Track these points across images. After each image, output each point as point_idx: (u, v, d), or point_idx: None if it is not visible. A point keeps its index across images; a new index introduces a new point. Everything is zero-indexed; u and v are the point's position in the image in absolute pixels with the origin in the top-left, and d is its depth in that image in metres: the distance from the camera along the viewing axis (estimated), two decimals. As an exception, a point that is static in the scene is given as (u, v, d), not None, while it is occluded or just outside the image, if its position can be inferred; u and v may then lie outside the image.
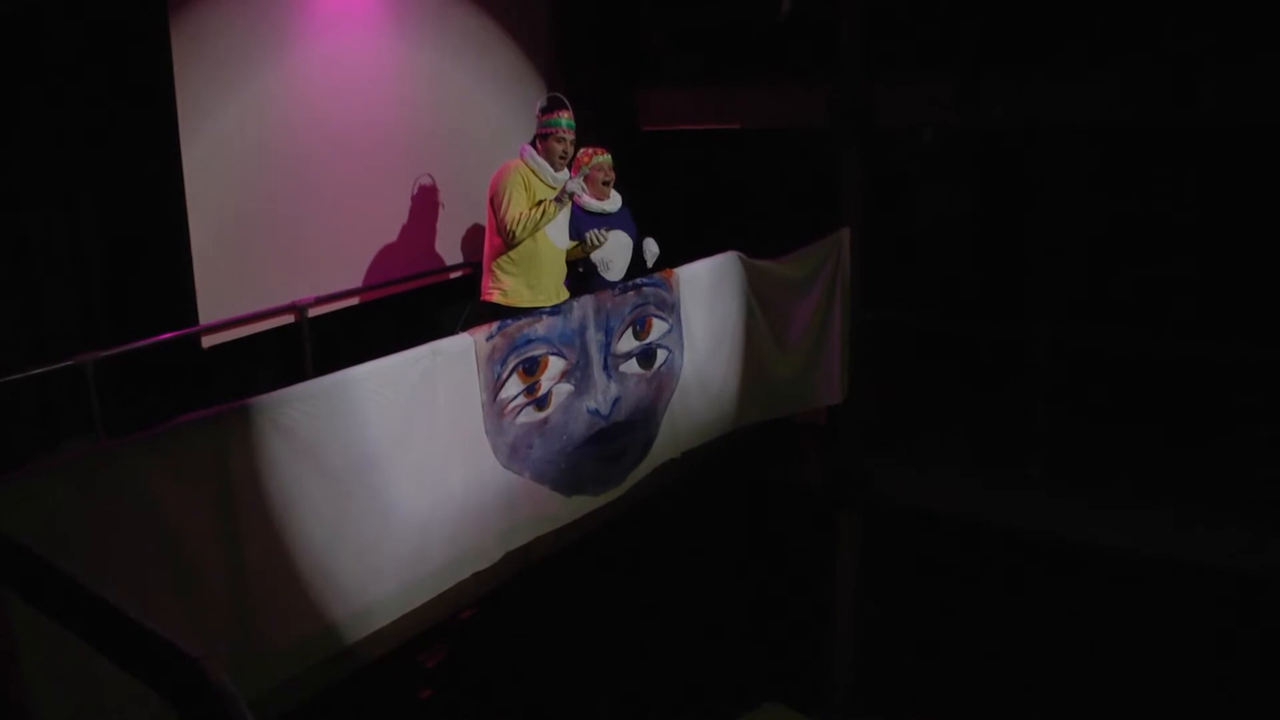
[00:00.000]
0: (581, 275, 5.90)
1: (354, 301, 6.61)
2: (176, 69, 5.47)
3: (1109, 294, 7.79)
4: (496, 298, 5.55)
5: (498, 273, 5.55)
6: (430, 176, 6.87)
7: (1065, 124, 7.45)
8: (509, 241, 5.44)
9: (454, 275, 7.17)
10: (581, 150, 5.89)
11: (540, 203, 5.45)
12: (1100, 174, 7.80)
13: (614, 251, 5.91)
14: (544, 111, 5.55)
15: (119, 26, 5.37)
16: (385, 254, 6.73)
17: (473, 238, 7.03)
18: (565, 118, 5.53)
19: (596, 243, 5.70)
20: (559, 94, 5.64)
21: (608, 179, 5.97)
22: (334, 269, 6.45)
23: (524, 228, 5.39)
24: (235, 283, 5.89)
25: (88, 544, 3.18)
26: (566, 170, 5.64)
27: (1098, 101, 6.97)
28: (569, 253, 5.78)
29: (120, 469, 3.34)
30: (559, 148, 5.54)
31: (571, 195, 5.52)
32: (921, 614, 7.59)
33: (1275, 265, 7.03)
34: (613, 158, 6.00)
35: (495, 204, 5.47)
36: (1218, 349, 6.90)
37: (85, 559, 3.12)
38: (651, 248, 6.01)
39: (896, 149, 8.07)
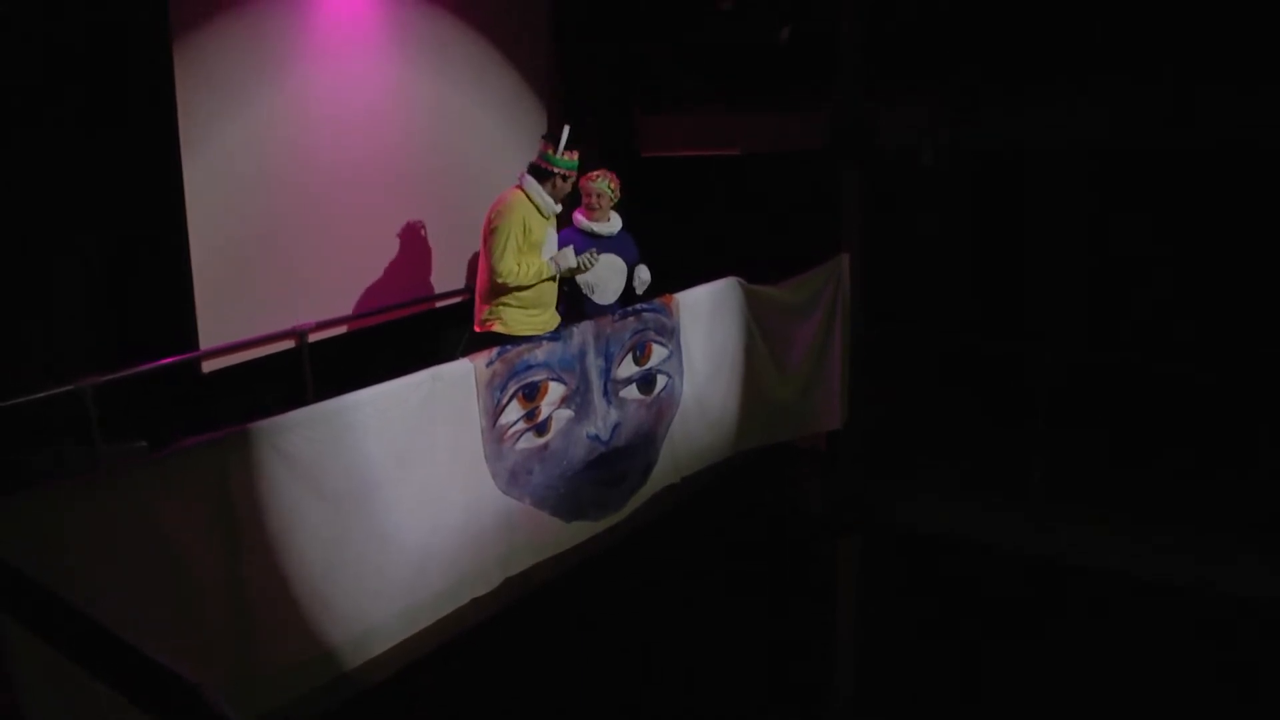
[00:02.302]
0: (570, 295, 5.90)
1: (354, 326, 6.62)
2: (179, 92, 5.50)
3: (1110, 313, 7.80)
4: (496, 327, 5.54)
5: (495, 305, 5.55)
6: (431, 201, 6.89)
7: (1064, 144, 7.47)
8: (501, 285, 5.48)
9: (455, 301, 7.17)
10: (585, 175, 5.89)
11: (549, 242, 5.54)
12: (1099, 193, 7.82)
13: (604, 275, 5.91)
14: (556, 147, 5.51)
15: (121, 51, 5.40)
16: (386, 279, 6.74)
17: (474, 263, 7.03)
18: (576, 159, 5.55)
19: (587, 265, 5.69)
20: (570, 127, 5.57)
21: (596, 204, 5.95)
22: (334, 294, 6.46)
23: (517, 281, 5.42)
24: (236, 307, 5.90)
25: (88, 566, 3.19)
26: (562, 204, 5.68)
27: (1096, 122, 6.99)
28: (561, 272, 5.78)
29: (121, 492, 3.36)
30: (565, 187, 5.58)
31: (572, 270, 5.64)
32: (921, 637, 7.57)
33: (1275, 283, 7.05)
34: (613, 176, 6.01)
35: (490, 244, 5.46)
36: (1219, 368, 6.90)
37: (86, 581, 3.13)
38: (643, 275, 5.99)
39: (896, 170, 8.10)
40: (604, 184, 5.92)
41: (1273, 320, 6.95)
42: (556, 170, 5.53)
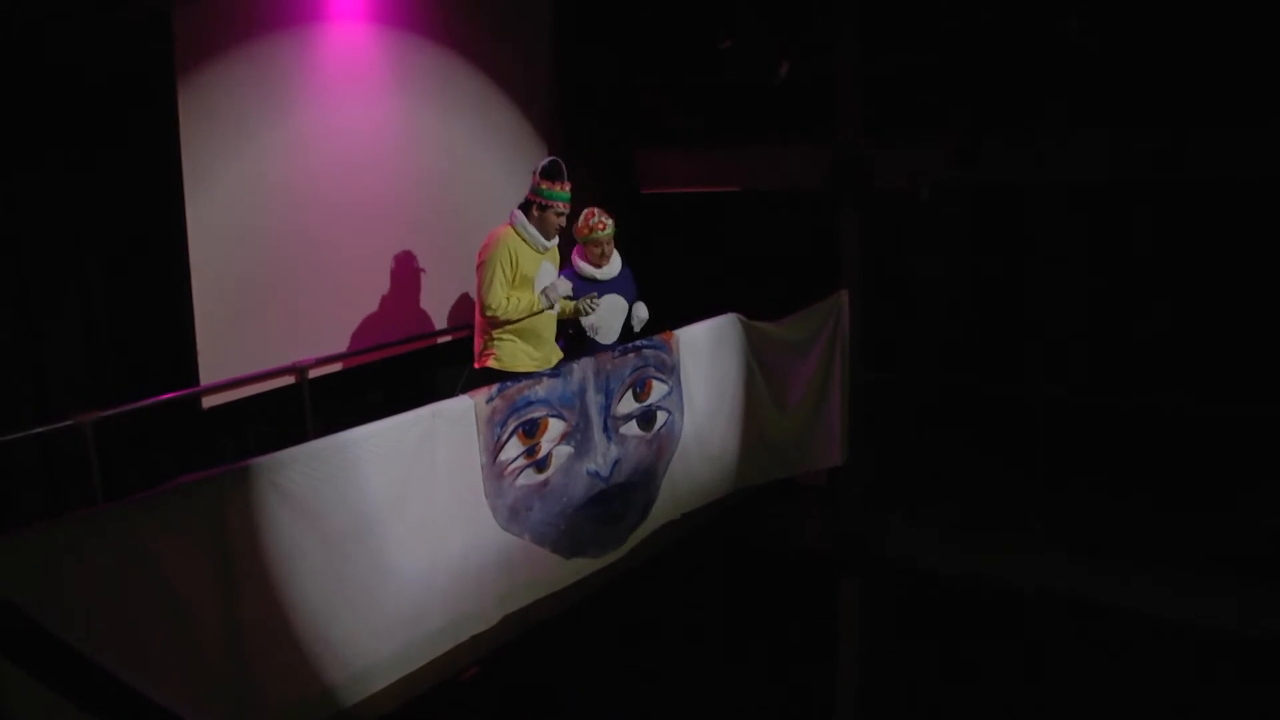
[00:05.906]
0: (572, 337, 5.88)
1: (354, 363, 6.61)
2: (182, 130, 5.52)
3: (1108, 352, 7.81)
4: (491, 363, 5.45)
5: (490, 341, 5.50)
6: (431, 238, 6.90)
7: (1062, 182, 7.50)
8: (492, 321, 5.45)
9: (455, 337, 7.17)
10: (585, 212, 5.85)
11: (543, 276, 5.46)
12: (1098, 231, 7.84)
13: (606, 317, 5.86)
14: (544, 179, 5.41)
15: (126, 87, 5.43)
16: (386, 315, 6.73)
17: (473, 301, 7.05)
18: (566, 190, 5.43)
19: (588, 310, 5.66)
20: (558, 160, 5.51)
21: (605, 251, 5.88)
22: (334, 330, 6.46)
23: (505, 315, 5.33)
24: (236, 343, 5.88)
25: (86, 604, 3.17)
26: (557, 236, 5.59)
27: (1095, 160, 7.03)
28: (560, 312, 5.69)
29: (120, 529, 3.35)
30: (556, 220, 5.46)
31: (565, 301, 5.57)
32: (924, 674, 7.53)
33: (1273, 321, 7.05)
34: (613, 220, 5.92)
35: (478, 279, 5.40)
36: (1218, 407, 6.90)
37: (83, 619, 3.11)
38: (640, 313, 5.92)
39: (895, 209, 8.13)
40: (611, 230, 5.87)
41: (1273, 357, 6.94)
42: (535, 199, 5.42)
